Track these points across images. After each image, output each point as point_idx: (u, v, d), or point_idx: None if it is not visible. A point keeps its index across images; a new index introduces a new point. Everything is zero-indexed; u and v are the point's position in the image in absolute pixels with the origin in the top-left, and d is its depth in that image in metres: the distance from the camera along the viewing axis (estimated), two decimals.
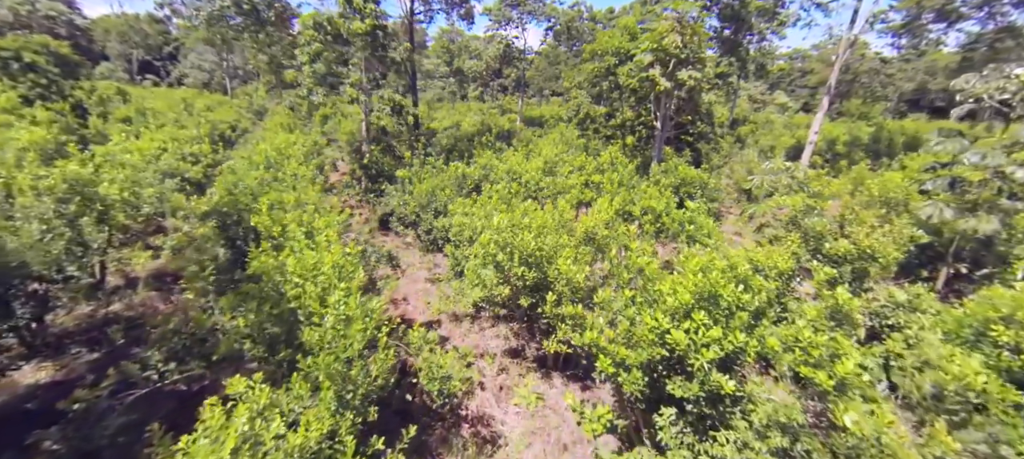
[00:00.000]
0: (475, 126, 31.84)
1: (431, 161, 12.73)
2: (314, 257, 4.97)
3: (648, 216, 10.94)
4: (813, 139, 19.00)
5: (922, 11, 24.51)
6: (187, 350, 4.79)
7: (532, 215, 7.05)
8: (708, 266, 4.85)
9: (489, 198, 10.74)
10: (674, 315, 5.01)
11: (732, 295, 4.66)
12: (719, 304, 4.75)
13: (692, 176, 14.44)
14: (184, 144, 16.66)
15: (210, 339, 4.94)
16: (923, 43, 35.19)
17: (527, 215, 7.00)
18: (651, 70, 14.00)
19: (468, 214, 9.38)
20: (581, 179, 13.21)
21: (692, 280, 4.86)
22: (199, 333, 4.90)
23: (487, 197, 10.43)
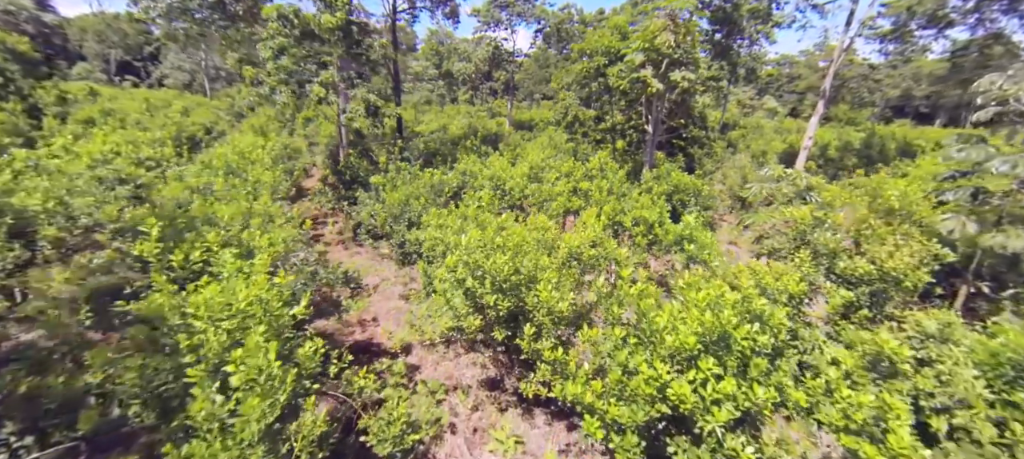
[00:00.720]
0: (462, 129, 30.91)
1: (405, 167, 11.69)
2: (227, 290, 3.93)
3: (640, 227, 10.07)
4: (808, 144, 18.40)
5: (913, 16, 24.23)
6: (51, 416, 3.72)
7: (510, 231, 6.10)
8: (717, 302, 3.95)
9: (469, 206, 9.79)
10: (674, 356, 4.09)
11: (747, 338, 3.76)
12: (730, 347, 3.85)
13: (686, 183, 13.64)
14: (141, 147, 15.39)
15: (84, 402, 3.89)
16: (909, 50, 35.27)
17: (503, 231, 6.05)
18: (642, 71, 13.19)
19: (442, 226, 8.39)
20: (568, 186, 12.31)
21: (696, 317, 3.96)
22: (71, 393, 3.84)
23: (467, 206, 9.46)
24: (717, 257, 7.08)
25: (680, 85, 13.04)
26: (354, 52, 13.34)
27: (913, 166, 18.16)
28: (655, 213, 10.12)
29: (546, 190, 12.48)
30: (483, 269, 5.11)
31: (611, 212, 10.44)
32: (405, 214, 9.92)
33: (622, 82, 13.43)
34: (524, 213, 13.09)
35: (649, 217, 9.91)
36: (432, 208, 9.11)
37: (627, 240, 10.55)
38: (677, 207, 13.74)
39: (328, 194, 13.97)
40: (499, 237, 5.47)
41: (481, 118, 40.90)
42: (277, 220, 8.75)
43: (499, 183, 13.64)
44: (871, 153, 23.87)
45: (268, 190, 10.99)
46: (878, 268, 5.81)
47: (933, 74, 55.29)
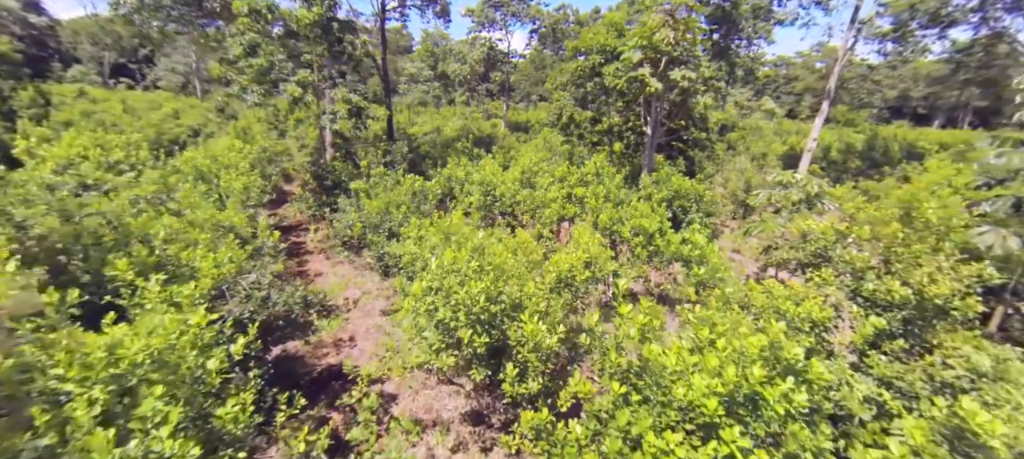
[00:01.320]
0: (456, 131, 30.06)
1: (383, 172, 10.79)
2: (142, 330, 3.05)
3: (639, 237, 9.24)
4: (812, 146, 17.65)
5: (915, 15, 23.54)
6: None
7: (490, 249, 5.27)
8: (741, 353, 3.11)
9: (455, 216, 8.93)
10: (687, 413, 3.25)
11: (781, 401, 2.93)
12: (760, 410, 3.02)
13: (686, 188, 12.82)
14: (113, 151, 14.47)
15: None
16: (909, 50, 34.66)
17: (482, 253, 5.18)
18: (640, 69, 12.37)
19: (422, 239, 7.53)
20: (562, 192, 11.48)
21: (715, 364, 3.13)
22: None
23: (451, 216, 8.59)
24: (731, 283, 6.23)
25: (680, 84, 12.23)
26: (336, 50, 12.48)
27: (919, 169, 17.40)
28: (655, 222, 9.28)
29: (539, 196, 11.64)
30: (456, 300, 4.27)
31: (608, 221, 9.61)
32: (385, 223, 9.07)
33: (619, 82, 12.61)
34: (517, 220, 12.25)
35: (648, 227, 9.08)
36: (413, 218, 8.25)
37: (626, 250, 9.72)
38: (678, 213, 12.92)
39: (309, 200, 13.09)
40: (476, 260, 4.62)
41: (476, 119, 40.08)
42: (241, 231, 7.87)
43: (489, 188, 12.80)
44: (874, 155, 23.15)
45: (238, 197, 10.11)
46: (916, 293, 5.00)
47: (931, 75, 54.85)
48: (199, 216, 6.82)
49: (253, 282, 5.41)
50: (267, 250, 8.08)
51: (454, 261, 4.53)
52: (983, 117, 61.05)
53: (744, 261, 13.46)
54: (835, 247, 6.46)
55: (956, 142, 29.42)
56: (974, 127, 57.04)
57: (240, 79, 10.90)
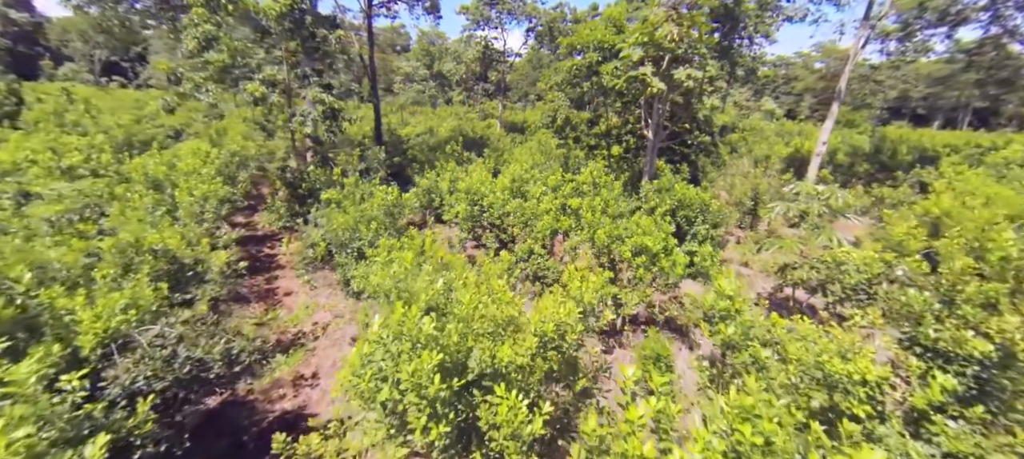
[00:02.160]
0: (450, 132, 28.84)
1: (356, 181, 9.58)
2: None
3: (642, 257, 8.10)
4: (821, 150, 16.58)
5: (924, 12, 22.49)
6: None
7: (459, 296, 4.12)
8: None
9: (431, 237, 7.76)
10: None
11: None
12: None
13: (691, 197, 11.68)
14: (69, 154, 13.22)
15: None
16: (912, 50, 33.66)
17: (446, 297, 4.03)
18: (641, 68, 11.22)
19: (389, 264, 6.37)
20: (556, 203, 10.33)
21: None
22: None
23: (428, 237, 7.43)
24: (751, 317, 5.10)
25: (684, 85, 11.09)
26: (309, 46, 11.27)
27: (935, 174, 16.32)
28: (659, 239, 8.15)
29: (530, 207, 10.49)
30: (404, 378, 3.12)
31: (606, 238, 8.47)
32: (354, 242, 7.90)
33: (618, 81, 11.46)
34: (506, 233, 11.09)
35: (651, 246, 7.94)
36: (383, 238, 7.09)
37: (627, 269, 8.57)
38: (682, 224, 11.80)
39: (280, 210, 11.89)
40: (429, 322, 3.43)
41: (471, 120, 38.84)
42: (180, 254, 6.67)
43: (476, 198, 11.64)
44: (882, 158, 22.08)
45: (189, 210, 8.91)
46: (1001, 348, 3.90)
47: (931, 75, 53.96)
48: (108, 243, 5.63)
49: (157, 334, 4.25)
50: (212, 275, 6.90)
51: (402, 324, 3.37)
52: (982, 118, 60.34)
53: (753, 276, 12.35)
54: (880, 281, 5.34)
55: (964, 144, 28.43)
56: (975, 128, 56.27)
57: (193, 76, 9.69)
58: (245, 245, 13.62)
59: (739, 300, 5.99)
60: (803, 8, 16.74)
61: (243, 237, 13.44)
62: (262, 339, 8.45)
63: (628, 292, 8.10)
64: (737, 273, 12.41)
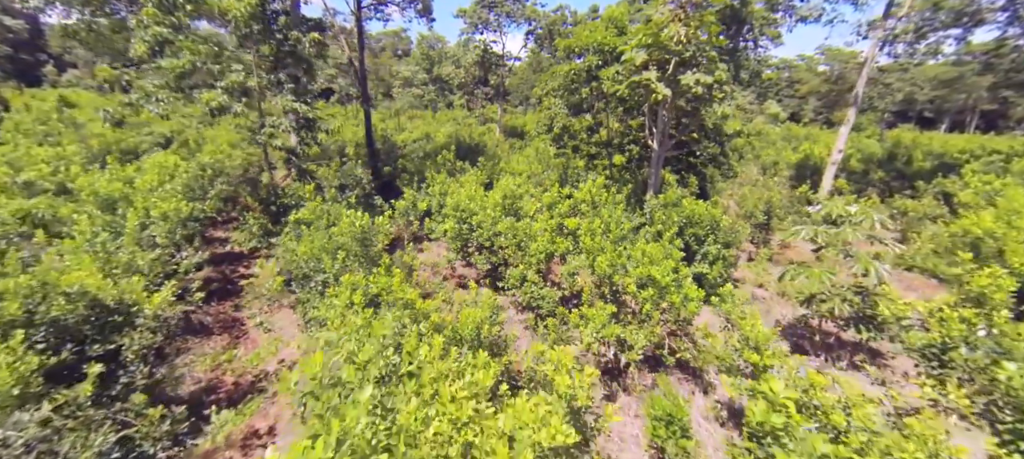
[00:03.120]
0: (447, 138, 27.81)
1: (313, 206, 8.47)
2: None
3: (649, 291, 7.00)
4: (837, 158, 15.46)
5: (939, 12, 21.34)
6: None
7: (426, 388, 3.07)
8: None
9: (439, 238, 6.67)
10: None
11: None
12: None
13: (700, 213, 10.61)
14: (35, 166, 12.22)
15: None
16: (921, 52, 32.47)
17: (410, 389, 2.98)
18: (645, 73, 10.16)
19: (348, 312, 5.31)
20: (552, 223, 9.26)
21: None
22: None
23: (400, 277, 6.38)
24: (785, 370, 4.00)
25: (693, 91, 10.01)
26: (282, 50, 10.26)
27: (959, 184, 15.14)
28: (667, 270, 7.05)
29: (523, 228, 9.41)
30: None
31: (608, 267, 7.38)
32: (318, 274, 6.84)
33: (619, 87, 10.40)
34: (497, 256, 10.01)
35: (660, 277, 6.84)
36: (347, 275, 6.03)
37: (630, 303, 7.48)
38: (691, 243, 10.71)
39: (252, 229, 10.87)
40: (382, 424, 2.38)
41: (469, 126, 37.80)
42: (102, 296, 5.61)
43: (465, 216, 10.58)
44: (898, 165, 20.89)
45: (132, 237, 7.88)
46: None
47: (937, 77, 52.67)
48: (6, 286, 4.59)
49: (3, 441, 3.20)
50: (144, 320, 5.85)
51: None
52: (990, 120, 58.95)
53: (769, 299, 11.22)
54: (957, 342, 4.23)
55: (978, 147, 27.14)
56: (983, 131, 54.87)
57: (143, 85, 8.69)
58: (220, 264, 12.59)
59: (767, 354, 4.89)
60: (818, 7, 15.66)
61: (220, 255, 12.39)
62: (216, 380, 7.41)
63: (634, 330, 7.01)
64: (751, 296, 11.30)
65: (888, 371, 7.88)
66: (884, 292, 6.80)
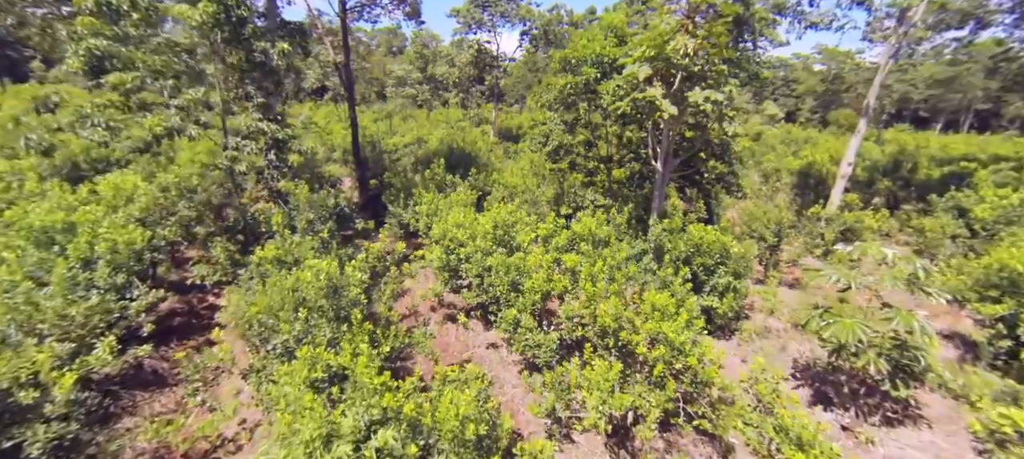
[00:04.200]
0: (438, 143, 26.63)
1: (267, 255, 7.34)
2: None
3: (660, 349, 6.03)
4: (847, 171, 14.58)
5: (946, 13, 20.51)
6: None
7: None
8: None
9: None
10: None
11: None
12: None
13: (709, 241, 9.65)
14: None
15: None
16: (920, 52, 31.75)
17: None
18: (649, 89, 9.15)
19: (310, 405, 4.30)
20: (548, 258, 8.25)
21: None
22: None
23: (363, 362, 5.35)
24: None
25: (703, 109, 9.03)
26: (250, 60, 9.14)
27: (974, 198, 14.28)
28: (681, 326, 6.07)
29: (515, 263, 8.40)
30: None
31: (612, 322, 6.39)
32: (275, 337, 5.78)
33: (621, 104, 9.39)
34: (488, 294, 8.99)
35: (673, 336, 5.87)
36: (305, 347, 5.02)
37: (640, 369, 6.50)
38: (699, 273, 9.77)
39: (221, 257, 9.78)
40: None
41: (463, 128, 36.59)
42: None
43: (453, 245, 9.56)
44: (903, 173, 20.07)
45: (62, 288, 6.78)
46: None
47: (933, 77, 52.09)
48: None
49: None
50: (57, 400, 4.79)
51: None
52: (983, 119, 58.64)
53: (784, 332, 10.31)
54: None
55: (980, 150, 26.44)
56: (977, 130, 54.50)
57: (85, 104, 7.53)
58: (187, 292, 11.48)
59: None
60: (829, 13, 14.72)
61: (189, 282, 11.21)
62: (164, 453, 6.35)
63: (644, 392, 6.04)
64: (764, 327, 10.39)
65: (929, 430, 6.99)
66: (930, 349, 5.90)
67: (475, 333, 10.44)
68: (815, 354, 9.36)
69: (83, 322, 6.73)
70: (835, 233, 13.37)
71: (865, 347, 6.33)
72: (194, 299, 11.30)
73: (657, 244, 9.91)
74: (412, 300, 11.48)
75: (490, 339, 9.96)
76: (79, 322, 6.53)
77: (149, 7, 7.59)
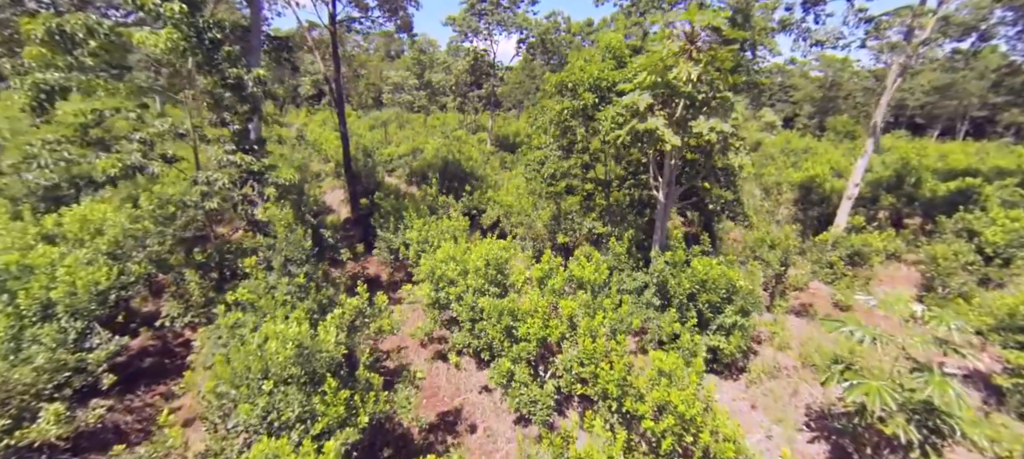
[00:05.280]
0: (433, 154, 25.97)
1: (263, 279, 6.66)
2: None
3: (670, 420, 5.39)
4: (853, 192, 14.02)
5: (948, 24, 20.04)
6: None
7: None
8: None
9: None
10: None
11: None
12: None
13: (715, 277, 9.04)
14: None
15: None
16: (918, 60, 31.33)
17: None
18: (650, 119, 8.53)
19: None
20: (544, 302, 7.60)
21: None
22: None
23: None
24: None
25: (707, 139, 8.41)
26: (226, 83, 8.46)
27: (985, 220, 13.73)
28: (689, 396, 5.43)
29: (507, 305, 7.75)
30: None
31: (615, 387, 5.75)
32: (235, 416, 5.09)
33: (621, 133, 8.77)
34: (479, 339, 8.33)
35: (684, 409, 5.23)
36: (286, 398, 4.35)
37: (644, 437, 5.84)
38: (704, 311, 9.15)
39: (194, 294, 9.09)
40: None
41: (459, 140, 35.89)
42: None
43: (442, 283, 8.91)
44: (907, 189, 19.53)
45: (4, 342, 6.08)
46: None
47: (929, 84, 51.83)
48: None
49: None
50: None
51: None
52: (978, 126, 58.45)
53: (794, 371, 9.67)
54: None
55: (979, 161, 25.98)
56: (973, 136, 54.27)
57: (32, 141, 6.78)
58: (162, 327, 10.73)
59: None
60: (835, 31, 14.17)
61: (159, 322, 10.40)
62: None
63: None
64: (774, 364, 9.76)
65: None
66: (965, 414, 5.29)
67: (468, 373, 9.77)
68: (829, 398, 8.74)
69: (28, 386, 6.03)
70: (843, 257, 12.79)
71: (894, 412, 5.71)
72: (169, 334, 10.57)
73: (660, 280, 9.29)
74: (400, 337, 10.80)
75: (483, 381, 9.31)
76: (21, 389, 5.83)
77: (110, 33, 6.92)
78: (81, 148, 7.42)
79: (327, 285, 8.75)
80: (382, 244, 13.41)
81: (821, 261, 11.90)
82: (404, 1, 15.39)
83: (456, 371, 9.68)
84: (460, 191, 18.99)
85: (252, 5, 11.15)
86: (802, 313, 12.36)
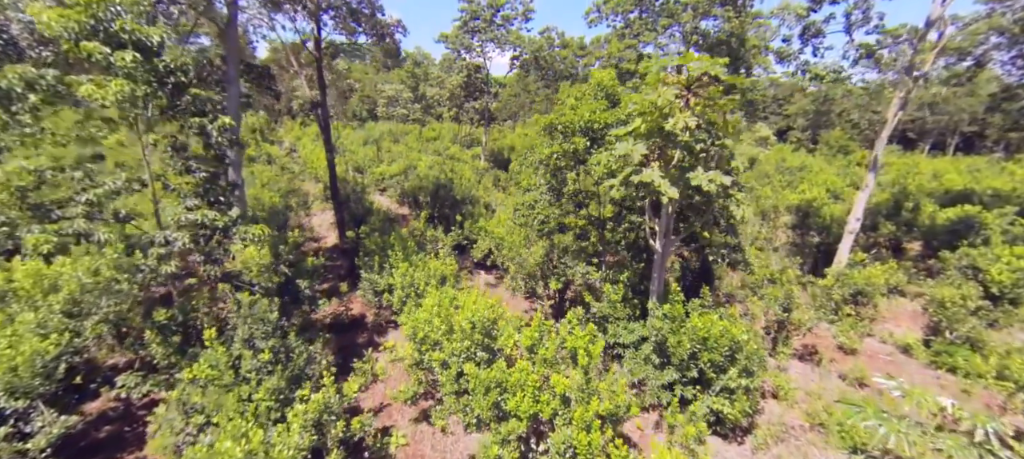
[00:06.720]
0: (426, 172, 25.30)
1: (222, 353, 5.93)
2: None
3: None
4: (855, 227, 13.54)
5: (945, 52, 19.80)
6: None
7: None
8: None
9: None
10: None
11: None
12: None
13: (716, 334, 8.43)
14: None
15: None
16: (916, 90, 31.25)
17: None
18: (645, 171, 7.95)
19: None
20: (533, 376, 6.93)
21: None
22: None
23: None
24: None
25: (707, 190, 7.84)
26: (186, 132, 7.79)
27: (990, 256, 13.26)
28: None
29: (497, 376, 7.07)
30: None
31: None
32: None
33: (614, 181, 8.19)
34: (467, 415, 7.63)
35: None
36: None
37: None
38: (706, 370, 8.52)
39: (147, 369, 8.36)
40: None
41: (453, 154, 35.26)
42: None
43: (425, 346, 8.22)
44: (905, 216, 19.11)
45: None
46: None
47: (920, 99, 52.05)
48: None
49: None
50: None
51: None
52: (968, 140, 58.82)
53: (803, 434, 9.04)
54: None
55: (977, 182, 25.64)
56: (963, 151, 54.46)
57: None
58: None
59: None
60: (835, 65, 13.77)
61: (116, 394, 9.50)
62: None
63: None
64: (782, 425, 9.11)
65: None
66: None
67: (455, 437, 9.07)
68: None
69: None
70: (846, 297, 12.25)
71: None
72: (135, 405, 9.73)
73: (659, 339, 8.66)
74: (383, 393, 10.09)
75: (471, 449, 8.61)
76: None
77: (55, 83, 6.27)
78: (21, 212, 6.74)
79: (300, 347, 8.04)
80: (366, 285, 12.72)
81: (825, 308, 11.34)
82: (391, 27, 14.84)
83: (442, 436, 8.97)
84: (451, 218, 18.33)
85: (224, 36, 10.54)
86: (806, 358, 11.79)
